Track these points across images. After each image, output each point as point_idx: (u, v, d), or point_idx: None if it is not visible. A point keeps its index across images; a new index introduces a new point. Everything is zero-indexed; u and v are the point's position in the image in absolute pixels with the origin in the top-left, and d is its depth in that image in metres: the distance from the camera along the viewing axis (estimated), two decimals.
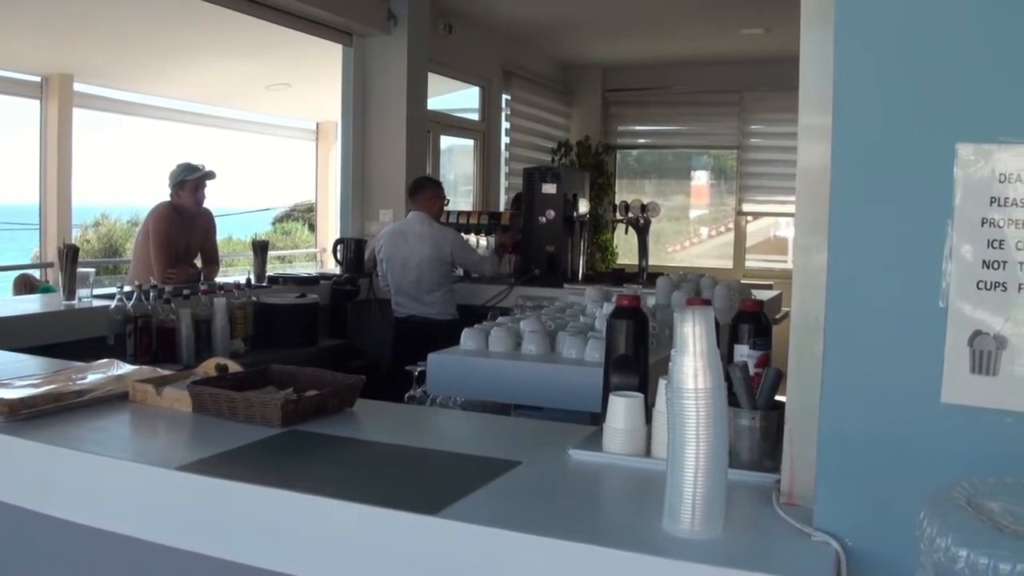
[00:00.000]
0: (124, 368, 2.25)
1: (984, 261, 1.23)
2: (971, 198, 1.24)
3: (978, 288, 1.24)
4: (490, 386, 2.91)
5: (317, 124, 10.18)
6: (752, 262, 9.92)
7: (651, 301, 3.82)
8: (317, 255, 9.55)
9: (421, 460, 1.73)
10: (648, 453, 1.67)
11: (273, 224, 18.57)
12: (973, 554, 0.89)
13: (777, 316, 5.05)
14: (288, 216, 18.46)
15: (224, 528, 1.56)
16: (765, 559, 1.24)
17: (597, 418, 1.97)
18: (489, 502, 1.47)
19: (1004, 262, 1.22)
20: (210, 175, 5.05)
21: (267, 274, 5.32)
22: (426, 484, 1.60)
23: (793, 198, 1.50)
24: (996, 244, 1.23)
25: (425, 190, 5.31)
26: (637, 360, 1.85)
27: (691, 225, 11.11)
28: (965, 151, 1.24)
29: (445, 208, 5.53)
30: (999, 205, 1.22)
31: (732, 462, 1.39)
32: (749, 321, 1.91)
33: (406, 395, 2.96)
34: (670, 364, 1.32)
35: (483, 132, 8.45)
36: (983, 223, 1.23)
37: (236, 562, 1.53)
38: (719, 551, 1.25)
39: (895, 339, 1.28)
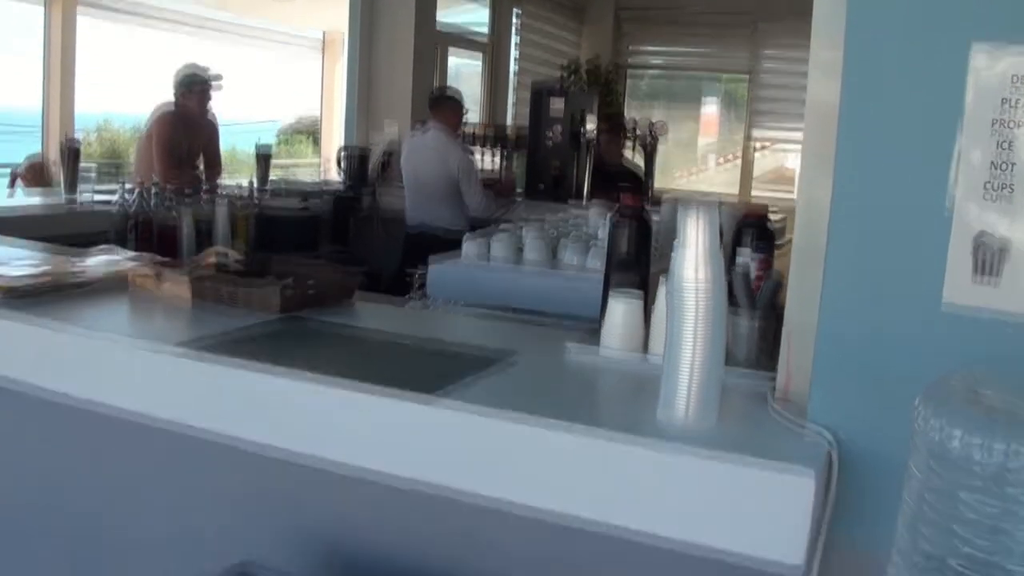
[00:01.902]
0: (124, 254, 2.24)
1: (992, 163, 1.22)
2: (982, 99, 1.22)
3: (985, 189, 1.22)
4: (491, 293, 2.90)
5: (324, 33, 10.03)
6: (759, 191, 9.84)
7: (655, 219, 3.78)
8: (321, 166, 9.50)
9: (418, 348, 1.73)
10: (645, 351, 1.66)
11: (277, 137, 18.41)
12: (967, 434, 0.89)
13: (779, 242, 5.01)
14: (292, 129, 18.32)
15: (222, 405, 1.56)
16: (758, 448, 1.25)
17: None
18: (485, 388, 1.47)
19: (1012, 164, 1.21)
20: (217, 77, 4.99)
21: (270, 179, 5.30)
22: (421, 369, 1.60)
23: (803, 125, 1.47)
24: (1005, 145, 1.21)
25: (445, 104, 5.28)
26: (638, 261, 1.84)
27: (699, 152, 11.02)
28: (978, 51, 1.21)
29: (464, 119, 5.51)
30: (1010, 106, 1.21)
31: (728, 361, 1.39)
32: (753, 226, 1.89)
33: (406, 297, 2.95)
34: (672, 256, 1.31)
35: (492, 48, 8.33)
36: (993, 124, 1.22)
37: (232, 436, 1.54)
38: (712, 439, 1.26)
39: (899, 240, 1.27)
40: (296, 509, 1.67)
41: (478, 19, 8.38)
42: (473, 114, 8.35)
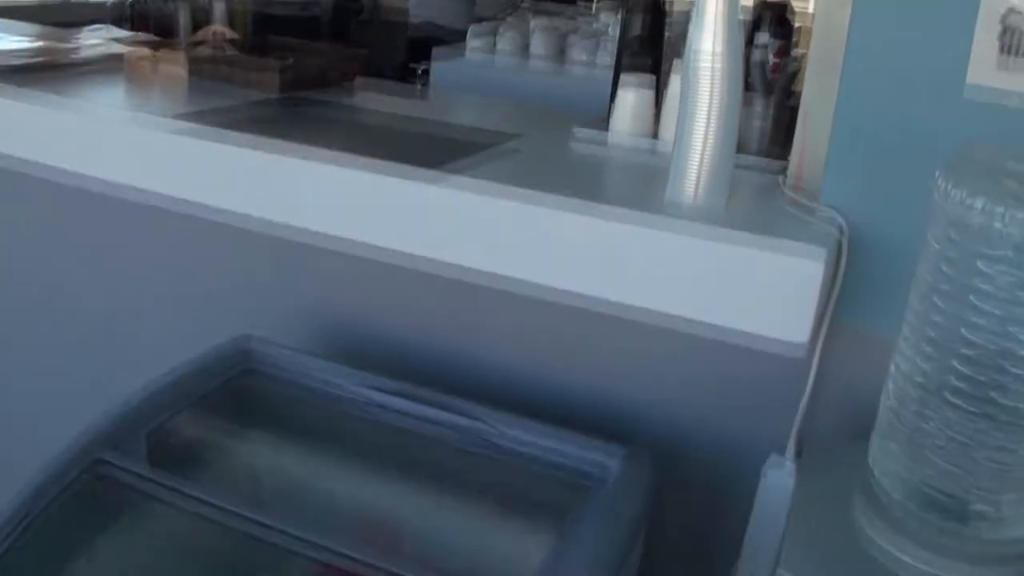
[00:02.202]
0: (120, 33, 2.17)
1: None
2: None
3: None
4: (496, 90, 2.84)
5: None
6: None
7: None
8: None
9: (422, 130, 1.69)
10: (656, 136, 1.62)
11: None
12: (990, 203, 0.86)
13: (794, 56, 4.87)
14: None
15: (222, 179, 1.52)
16: (767, 228, 1.22)
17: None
18: (491, 168, 1.43)
19: None
20: None
21: None
22: (426, 149, 1.56)
23: None
24: None
25: None
26: (652, 45, 1.77)
27: None
28: None
29: None
30: None
31: (741, 148, 1.35)
32: (772, 10, 1.81)
33: None
34: (688, 27, 1.25)
35: None
36: None
37: (234, 212, 1.51)
38: (721, 219, 1.24)
39: (924, 21, 1.21)
40: (297, 287, 1.68)
41: None
42: None
